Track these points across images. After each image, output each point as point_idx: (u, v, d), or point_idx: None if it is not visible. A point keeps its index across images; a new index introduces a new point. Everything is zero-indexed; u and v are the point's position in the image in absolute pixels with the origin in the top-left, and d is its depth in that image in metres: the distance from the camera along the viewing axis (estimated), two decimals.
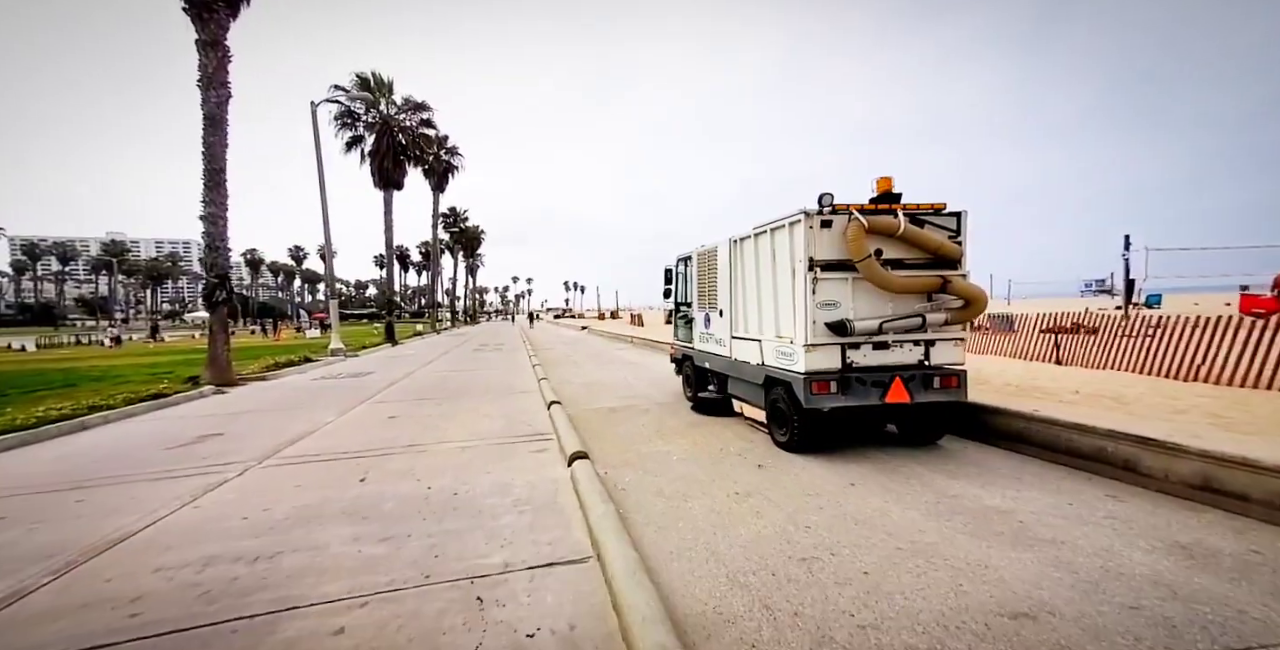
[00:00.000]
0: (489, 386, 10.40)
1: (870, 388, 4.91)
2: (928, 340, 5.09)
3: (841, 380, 4.88)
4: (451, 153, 40.37)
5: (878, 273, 4.75)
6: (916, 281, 4.90)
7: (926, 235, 4.92)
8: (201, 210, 11.09)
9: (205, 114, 10.97)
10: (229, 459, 5.47)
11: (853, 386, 4.89)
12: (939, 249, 4.94)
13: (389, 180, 25.89)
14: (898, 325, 4.86)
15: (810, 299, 4.81)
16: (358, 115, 25.12)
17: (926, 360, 5.11)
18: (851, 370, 4.95)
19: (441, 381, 11.31)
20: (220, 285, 11.24)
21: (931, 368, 5.10)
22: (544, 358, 16.77)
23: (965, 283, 4.97)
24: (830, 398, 4.87)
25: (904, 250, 4.97)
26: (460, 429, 6.66)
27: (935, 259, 4.99)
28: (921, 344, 5.09)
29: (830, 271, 4.86)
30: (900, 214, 4.84)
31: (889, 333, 4.92)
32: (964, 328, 5.24)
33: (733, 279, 6.40)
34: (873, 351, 5.01)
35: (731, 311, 6.51)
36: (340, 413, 7.96)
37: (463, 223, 59.66)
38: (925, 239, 4.90)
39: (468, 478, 4.66)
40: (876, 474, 4.69)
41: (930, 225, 5.05)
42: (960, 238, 5.11)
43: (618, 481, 4.67)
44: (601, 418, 7.38)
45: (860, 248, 4.69)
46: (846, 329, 4.77)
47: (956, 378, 5.08)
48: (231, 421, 7.50)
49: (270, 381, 12.19)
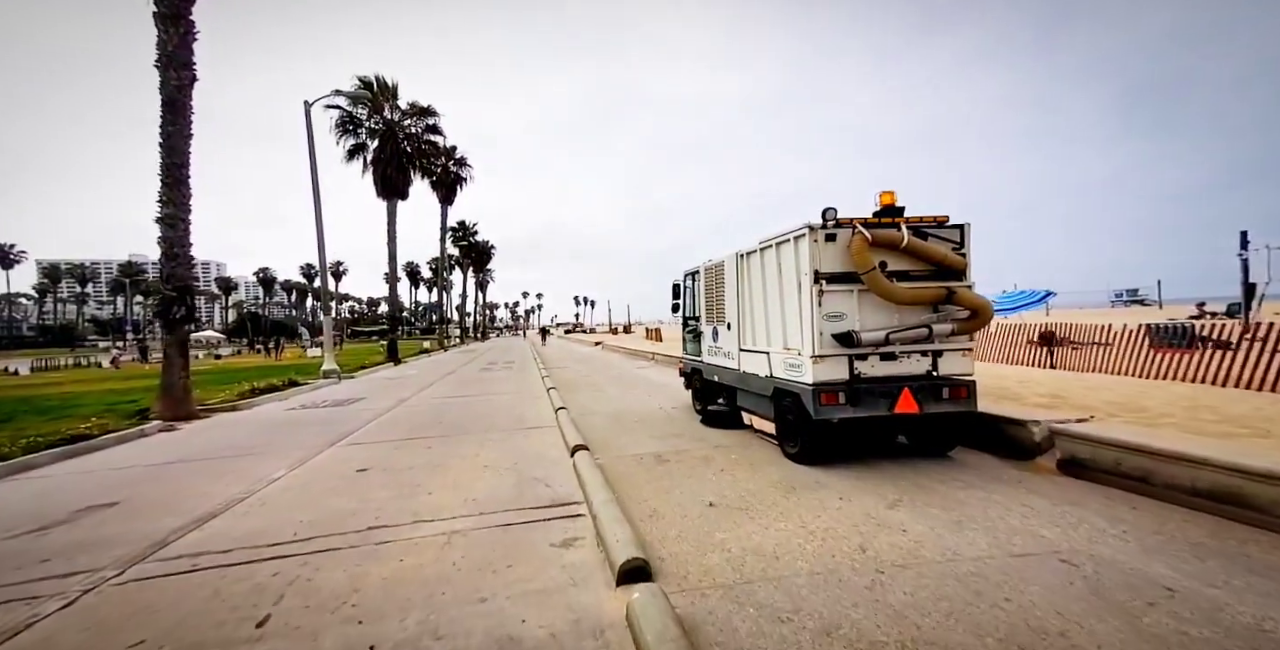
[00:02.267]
0: (495, 418, 8.43)
1: (879, 398, 4.88)
2: (935, 351, 5.07)
3: (849, 391, 4.86)
4: (460, 163, 39.20)
5: (883, 284, 4.75)
6: (922, 293, 4.89)
7: (930, 247, 4.93)
8: (158, 211, 9.38)
9: (164, 99, 9.34)
10: (81, 562, 3.51)
11: (861, 397, 4.86)
12: (943, 260, 4.94)
13: (393, 189, 24.41)
14: (904, 336, 4.83)
15: (816, 311, 4.84)
16: (360, 121, 23.78)
17: (935, 371, 5.07)
18: (859, 381, 4.92)
19: (439, 411, 9.36)
20: (179, 300, 9.46)
21: (940, 378, 5.06)
22: (559, 379, 14.80)
23: (971, 293, 4.97)
24: (839, 409, 4.85)
25: (908, 262, 4.99)
26: (450, 492, 4.69)
27: (940, 270, 5.00)
28: (929, 355, 5.07)
29: (836, 284, 4.88)
30: (904, 227, 4.88)
31: (895, 343, 4.89)
32: (971, 338, 5.20)
33: (740, 293, 6.39)
34: (880, 362, 4.98)
35: (739, 325, 6.46)
36: (297, 463, 6.02)
37: (472, 236, 58.42)
38: (929, 251, 4.91)
39: (447, 618, 2.66)
40: None
41: (934, 237, 5.06)
42: (964, 249, 5.12)
43: (716, 628, 2.61)
44: (646, 472, 5.33)
45: (865, 260, 4.72)
46: (853, 340, 4.76)
47: (966, 388, 5.03)
48: (147, 480, 5.58)
49: (239, 412, 10.33)
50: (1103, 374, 9.57)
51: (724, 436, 6.76)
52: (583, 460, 5.31)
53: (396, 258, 24.98)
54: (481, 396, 11.23)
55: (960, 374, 5.11)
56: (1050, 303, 16.75)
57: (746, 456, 5.73)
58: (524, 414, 8.79)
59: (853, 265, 4.81)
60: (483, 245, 63.48)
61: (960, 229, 5.15)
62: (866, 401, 4.85)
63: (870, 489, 4.49)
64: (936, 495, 4.28)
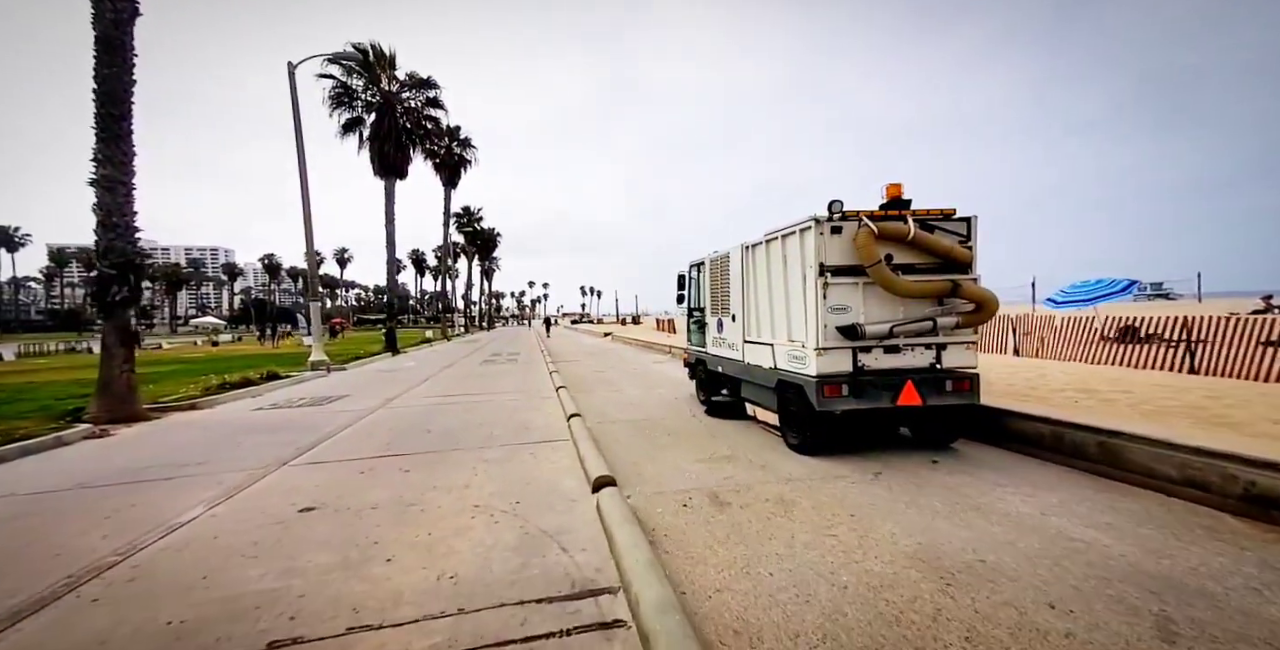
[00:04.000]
0: (494, 426, 6.87)
1: (882, 391, 4.87)
2: (939, 344, 5.06)
3: (853, 383, 4.85)
4: (464, 144, 37.46)
5: (888, 277, 4.73)
6: (927, 286, 4.86)
7: (936, 240, 4.91)
8: (93, 171, 7.81)
9: (98, 35, 7.70)
10: None
11: (864, 390, 4.86)
12: (949, 253, 4.92)
13: (391, 168, 22.75)
14: (908, 329, 4.83)
15: (821, 303, 4.83)
16: (355, 93, 22.04)
17: (938, 363, 5.07)
18: (863, 373, 4.92)
19: (429, 416, 7.82)
20: (119, 279, 7.90)
21: (943, 371, 5.05)
22: (568, 374, 13.26)
23: (976, 286, 4.93)
24: (842, 401, 4.84)
25: (914, 255, 4.96)
26: (419, 558, 3.13)
27: (945, 263, 4.98)
28: (933, 347, 5.07)
29: (841, 276, 4.86)
30: (910, 220, 4.87)
31: (900, 336, 4.88)
32: (975, 331, 5.21)
33: (745, 284, 6.38)
34: (884, 355, 4.98)
35: (744, 316, 6.47)
36: (226, 493, 4.49)
37: (477, 222, 56.68)
38: (935, 244, 4.90)
39: None
40: None
41: (940, 230, 5.02)
42: (970, 242, 5.09)
43: None
44: (704, 525, 3.72)
45: (870, 253, 4.70)
46: (857, 333, 4.77)
47: (969, 381, 5.04)
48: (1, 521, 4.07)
49: (198, 412, 8.85)
50: (1229, 378, 7.87)
51: (794, 463, 5.14)
52: (612, 506, 3.72)
53: (395, 241, 23.42)
54: (481, 396, 9.68)
55: (964, 367, 5.11)
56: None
57: (845, 495, 4.12)
58: (529, 421, 7.23)
59: (858, 258, 4.77)
60: (488, 232, 61.75)
61: (967, 222, 5.10)
62: (869, 394, 4.86)
63: None
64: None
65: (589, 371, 14.14)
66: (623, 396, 9.65)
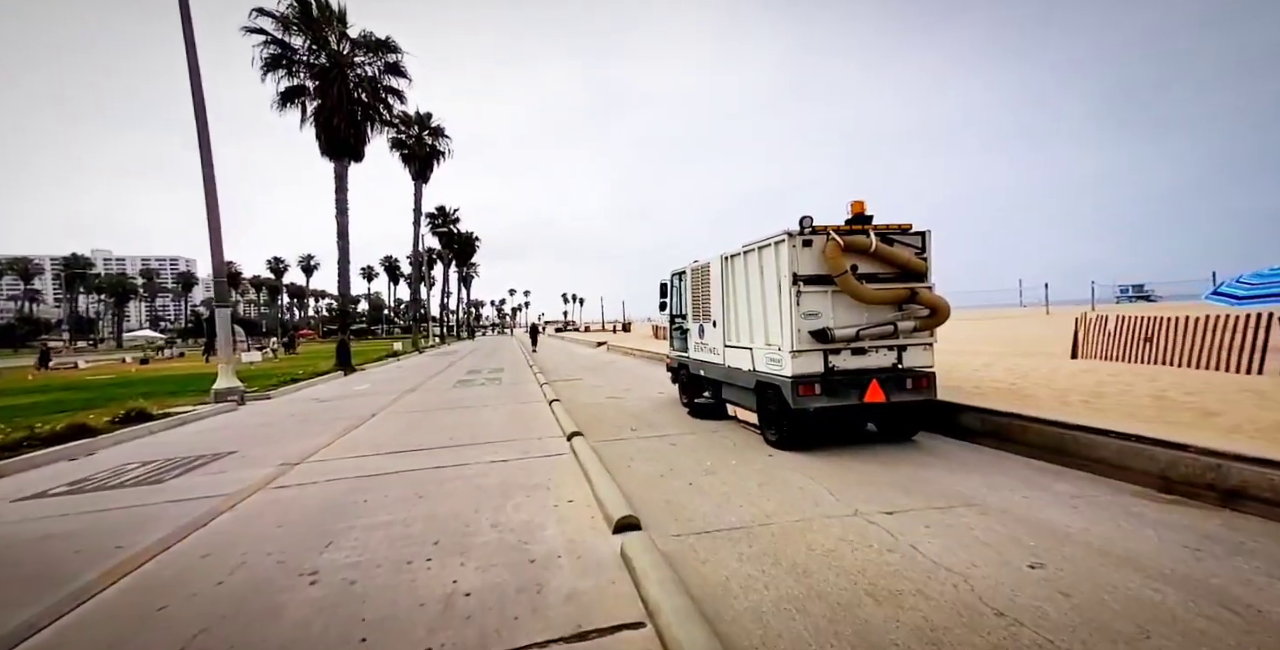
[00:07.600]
0: (461, 557, 3.11)
1: (850, 389, 5.31)
2: (900, 345, 5.50)
3: (825, 383, 5.28)
4: (436, 134, 33.57)
5: (854, 286, 5.19)
6: (888, 293, 5.35)
7: (896, 252, 5.38)
8: None
9: None
10: None
11: (835, 388, 5.30)
12: (907, 264, 5.40)
13: (342, 145, 18.74)
14: (872, 332, 5.28)
15: (795, 310, 5.24)
16: (296, 54, 18.03)
17: (900, 363, 5.50)
18: (833, 374, 5.34)
19: (337, 516, 4.00)
20: None
21: (904, 370, 5.49)
22: (574, 404, 9.51)
23: (931, 294, 5.42)
24: (815, 399, 5.25)
25: (876, 266, 5.41)
26: None
27: (904, 273, 5.44)
28: (895, 349, 5.50)
29: (812, 285, 5.30)
30: (872, 234, 5.33)
31: (865, 339, 5.32)
32: (932, 333, 5.58)
33: (725, 292, 6.74)
34: (851, 356, 5.42)
35: (724, 322, 6.81)
36: None
37: (453, 224, 52.33)
38: (895, 255, 5.36)
39: None
40: None
41: (899, 243, 5.48)
42: (925, 254, 5.55)
43: None
44: None
45: (838, 264, 5.16)
46: (828, 336, 5.20)
47: (927, 379, 5.49)
48: None
49: None
50: None
51: None
52: None
53: (348, 235, 19.34)
54: (446, 455, 5.89)
55: (922, 366, 5.53)
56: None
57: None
58: (536, 531, 3.47)
59: (827, 268, 5.22)
60: (466, 236, 57.42)
61: (922, 235, 5.58)
62: (840, 392, 5.29)
63: None
64: None
65: (603, 398, 10.39)
66: (677, 450, 5.97)
